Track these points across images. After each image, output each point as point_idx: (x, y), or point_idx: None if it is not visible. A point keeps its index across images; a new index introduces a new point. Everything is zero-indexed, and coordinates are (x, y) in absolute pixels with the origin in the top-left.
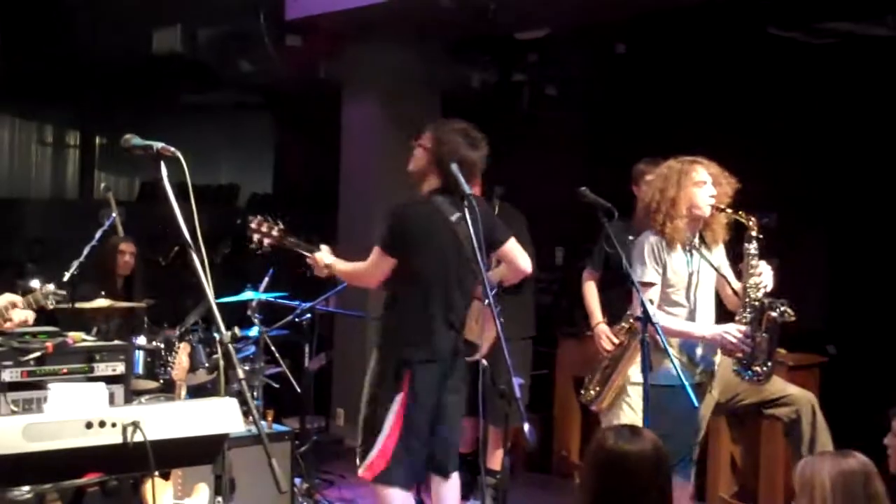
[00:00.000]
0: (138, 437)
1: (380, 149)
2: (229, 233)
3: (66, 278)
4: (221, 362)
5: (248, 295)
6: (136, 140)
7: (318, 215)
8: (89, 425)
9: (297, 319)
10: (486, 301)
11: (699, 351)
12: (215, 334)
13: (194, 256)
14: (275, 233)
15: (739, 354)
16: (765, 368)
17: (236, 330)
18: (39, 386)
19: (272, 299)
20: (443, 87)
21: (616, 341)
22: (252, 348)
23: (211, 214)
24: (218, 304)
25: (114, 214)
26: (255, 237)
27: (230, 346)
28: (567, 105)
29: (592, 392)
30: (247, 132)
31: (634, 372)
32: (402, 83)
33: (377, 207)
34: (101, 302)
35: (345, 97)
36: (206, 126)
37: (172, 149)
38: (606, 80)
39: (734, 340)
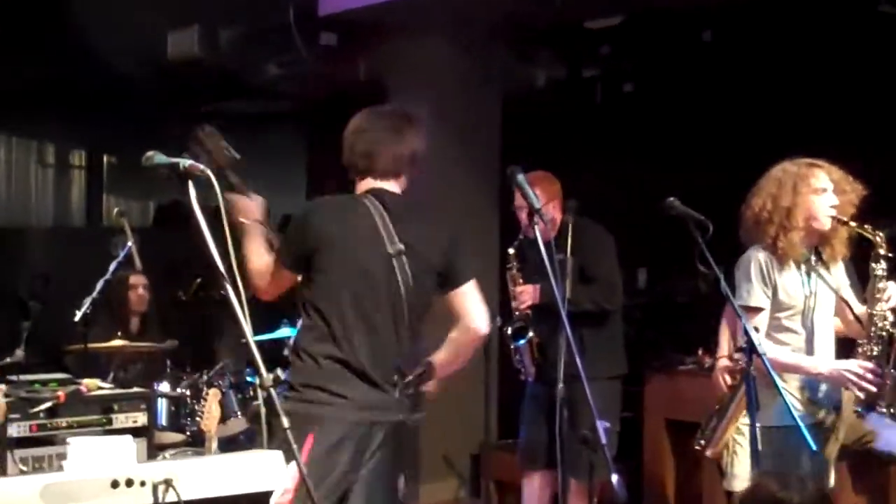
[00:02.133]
0: (171, 497)
1: (432, 162)
2: None
3: (77, 317)
4: (263, 409)
5: (284, 332)
6: (160, 157)
7: None
8: (115, 484)
9: None
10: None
11: (822, 386)
12: (254, 378)
13: (229, 289)
14: (221, 153)
15: (862, 395)
16: (892, 410)
17: (279, 372)
18: (51, 441)
19: None
20: (504, 87)
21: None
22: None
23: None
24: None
25: (129, 243)
26: (195, 147)
27: (272, 390)
28: (647, 102)
29: (704, 437)
30: (275, 145)
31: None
32: (456, 85)
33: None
34: (118, 343)
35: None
36: (228, 139)
37: (202, 166)
38: (692, 72)
39: (856, 379)
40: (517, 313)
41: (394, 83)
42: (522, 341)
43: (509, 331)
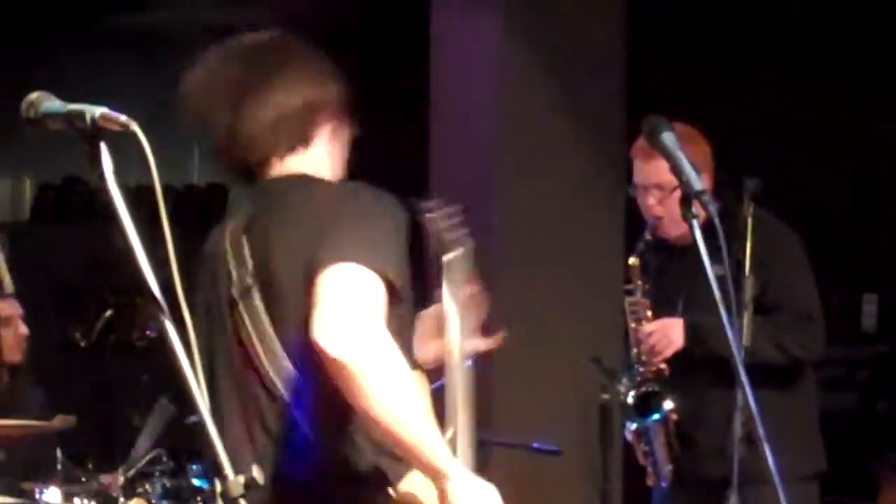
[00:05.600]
0: None
1: (490, 110)
2: None
3: None
4: None
5: None
6: (52, 104)
7: None
8: None
9: None
10: None
11: None
12: (204, 481)
13: (165, 323)
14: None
15: None
16: None
17: (256, 471)
18: None
19: None
20: None
21: None
22: None
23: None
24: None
25: None
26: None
27: (241, 500)
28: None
29: None
30: None
31: None
32: None
33: (505, 197)
34: None
35: (436, 12)
36: (168, 76)
37: (124, 118)
38: None
39: None
40: (641, 369)
41: None
42: (655, 418)
43: (629, 400)
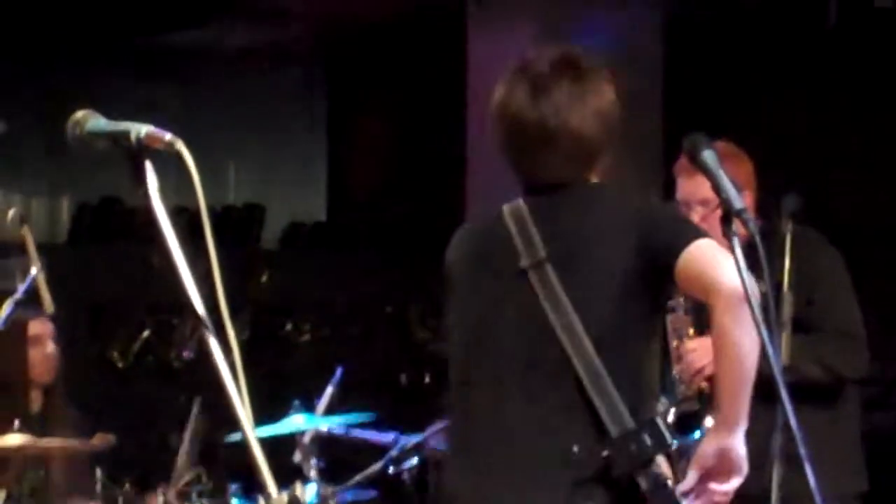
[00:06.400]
0: None
1: None
2: (247, 299)
3: None
4: None
5: (297, 422)
6: (97, 122)
7: (433, 263)
8: None
9: (391, 468)
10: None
11: None
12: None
13: (213, 344)
14: None
15: None
16: None
17: (299, 489)
18: None
19: (343, 430)
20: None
21: None
22: None
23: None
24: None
25: (33, 271)
26: None
27: None
28: None
29: None
30: (276, 106)
31: None
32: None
33: None
34: (13, 440)
35: (473, 32)
36: (199, 96)
37: (169, 136)
38: None
39: None
40: (682, 387)
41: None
42: (696, 436)
43: (670, 417)
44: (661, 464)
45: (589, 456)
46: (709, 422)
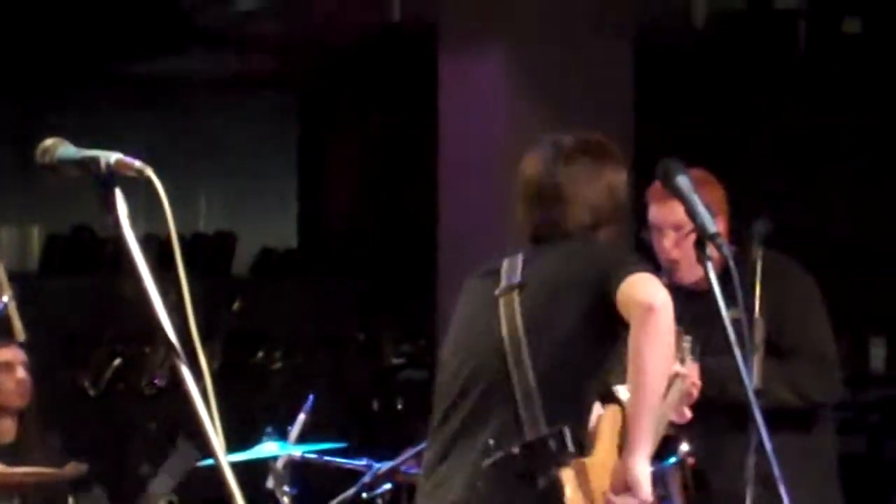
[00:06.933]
0: None
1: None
2: (220, 326)
3: None
4: None
5: (269, 448)
6: (67, 150)
7: (405, 290)
8: None
9: (364, 494)
10: None
11: None
12: None
13: (181, 366)
14: None
15: None
16: None
17: None
18: None
19: (313, 455)
20: (635, 26)
21: None
22: None
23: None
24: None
25: (4, 298)
26: None
27: None
28: (881, 49)
29: None
30: (246, 133)
31: None
32: (557, 26)
33: (516, 242)
34: None
35: (443, 57)
36: (170, 123)
37: (139, 163)
38: None
39: None
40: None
41: (452, 24)
42: (671, 461)
43: None
44: (567, 472)
45: (499, 449)
46: (684, 447)
